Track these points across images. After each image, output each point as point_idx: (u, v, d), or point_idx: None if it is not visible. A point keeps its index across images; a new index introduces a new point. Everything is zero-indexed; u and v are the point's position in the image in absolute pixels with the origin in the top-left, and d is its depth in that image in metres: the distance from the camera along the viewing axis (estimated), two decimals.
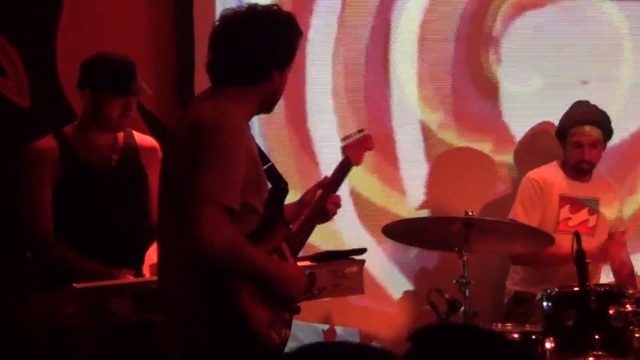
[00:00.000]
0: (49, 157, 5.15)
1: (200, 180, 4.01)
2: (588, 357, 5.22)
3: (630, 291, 5.39)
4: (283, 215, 4.46)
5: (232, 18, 4.32)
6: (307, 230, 4.89)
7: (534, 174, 6.43)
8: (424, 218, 5.88)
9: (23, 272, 5.51)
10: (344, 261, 5.14)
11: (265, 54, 4.25)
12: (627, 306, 5.24)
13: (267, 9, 4.36)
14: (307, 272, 4.57)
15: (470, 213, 5.50)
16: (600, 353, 5.21)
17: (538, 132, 6.83)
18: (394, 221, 5.80)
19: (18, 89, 6.06)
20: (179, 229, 4.10)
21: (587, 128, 6.34)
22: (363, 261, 5.20)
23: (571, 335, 5.26)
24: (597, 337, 5.22)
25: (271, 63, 4.26)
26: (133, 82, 5.17)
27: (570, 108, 6.47)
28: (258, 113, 4.40)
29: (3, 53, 6.04)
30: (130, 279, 5.02)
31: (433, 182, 6.71)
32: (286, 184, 4.45)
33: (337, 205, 4.97)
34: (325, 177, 5.09)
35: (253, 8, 4.40)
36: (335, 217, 5.01)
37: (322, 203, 4.95)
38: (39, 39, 6.05)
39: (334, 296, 5.26)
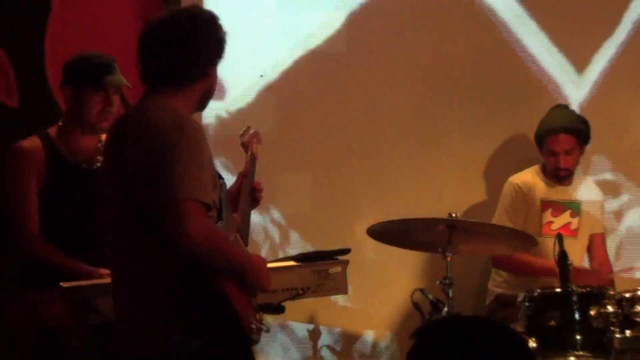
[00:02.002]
0: (34, 157, 5.13)
1: (176, 180, 4.01)
2: (569, 357, 5.23)
3: (611, 292, 5.39)
4: (229, 208, 4.51)
5: (161, 22, 4.35)
6: (247, 219, 4.92)
7: (516, 178, 6.44)
8: (408, 219, 5.83)
9: (10, 270, 5.51)
10: (328, 261, 5.18)
11: (200, 52, 4.29)
12: (608, 307, 5.23)
13: (190, 10, 4.48)
14: None
15: (453, 215, 5.47)
16: (581, 353, 5.22)
17: (518, 136, 6.82)
18: (378, 222, 5.74)
19: (7, 89, 6.03)
20: (147, 232, 4.10)
21: (562, 137, 6.32)
22: (347, 261, 5.23)
23: (553, 336, 5.26)
24: (578, 337, 5.23)
25: (206, 60, 4.31)
26: (110, 75, 5.15)
27: (547, 114, 6.46)
28: (196, 111, 4.44)
29: None
30: None
31: (417, 185, 6.69)
32: (223, 177, 4.50)
33: (261, 190, 5.12)
34: (243, 170, 5.19)
35: (178, 11, 4.50)
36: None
37: (252, 193, 5.07)
38: (27, 40, 6.03)
39: (318, 296, 5.31)
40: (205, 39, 4.30)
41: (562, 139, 6.31)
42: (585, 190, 6.52)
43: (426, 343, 2.68)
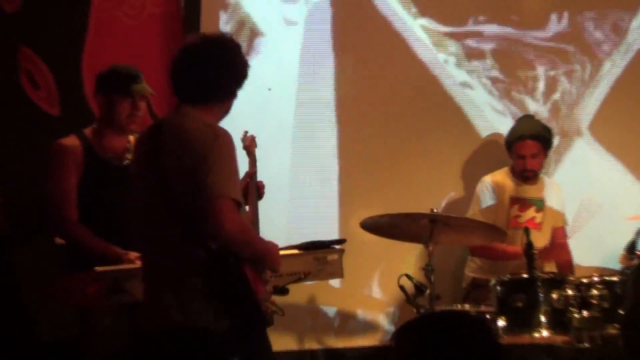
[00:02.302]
0: (73, 153, 5.16)
1: (214, 181, 4.06)
2: (534, 334, 5.28)
3: (571, 278, 5.43)
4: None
5: (196, 47, 4.36)
6: (256, 212, 5.07)
7: (488, 177, 6.47)
8: (395, 214, 5.83)
9: (52, 255, 5.48)
10: (327, 250, 5.24)
11: (232, 75, 4.33)
12: (568, 291, 5.29)
13: (221, 38, 4.45)
14: None
15: (435, 210, 5.52)
16: (544, 330, 5.27)
17: (490, 142, 6.85)
18: (370, 217, 5.79)
19: (50, 100, 6.05)
20: (180, 225, 4.14)
21: (529, 142, 6.36)
22: (343, 250, 5.30)
23: (520, 315, 5.31)
24: (542, 317, 5.28)
25: (236, 82, 4.35)
26: (136, 84, 5.18)
27: (516, 122, 6.52)
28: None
29: (36, 68, 6.01)
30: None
31: (403, 185, 6.71)
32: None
33: (263, 187, 5.34)
34: (248, 171, 5.34)
35: (210, 37, 4.45)
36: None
37: (258, 190, 5.27)
38: (67, 56, 6.04)
39: (317, 279, 5.36)
40: (235, 63, 4.33)
41: (528, 145, 6.36)
42: (549, 188, 6.53)
43: (404, 344, 2.73)
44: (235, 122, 4.65)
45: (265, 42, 6.59)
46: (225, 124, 4.30)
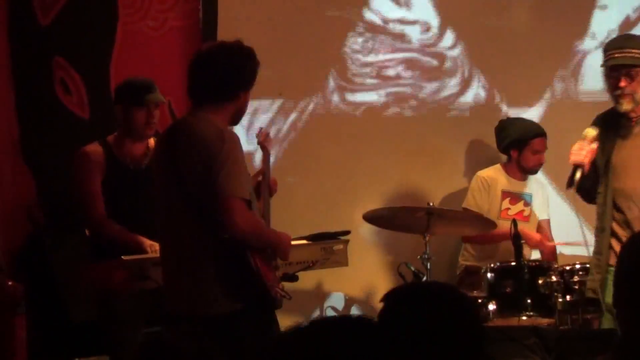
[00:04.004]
0: (97, 159, 5.24)
1: (223, 181, 4.13)
2: (522, 317, 5.33)
3: (555, 265, 5.47)
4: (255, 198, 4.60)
5: (208, 51, 4.43)
6: (268, 207, 5.01)
7: (482, 173, 6.45)
8: (395, 207, 5.87)
9: (81, 246, 5.53)
10: (333, 240, 5.29)
11: (234, 78, 4.34)
12: (553, 277, 5.32)
13: (233, 44, 4.44)
14: None
15: (431, 204, 5.59)
16: (531, 314, 5.32)
17: (479, 141, 6.84)
18: (372, 210, 5.85)
19: (80, 103, 6.10)
20: (195, 219, 4.21)
21: (544, 139, 6.35)
22: (348, 240, 5.34)
23: (509, 300, 5.35)
24: (529, 301, 5.31)
25: (238, 86, 4.36)
26: (149, 95, 5.23)
27: (518, 122, 6.46)
28: (230, 125, 4.45)
29: (68, 75, 6.06)
30: None
31: (403, 180, 6.68)
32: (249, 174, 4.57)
33: (276, 183, 5.19)
34: (261, 167, 5.26)
35: (225, 44, 4.49)
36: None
37: (271, 186, 5.15)
38: (96, 64, 6.08)
39: (324, 267, 5.39)
40: (240, 69, 4.36)
41: (544, 141, 6.35)
42: (536, 184, 6.53)
43: (392, 305, 2.70)
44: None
45: None
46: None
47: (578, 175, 5.04)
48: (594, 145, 5.08)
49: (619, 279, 2.87)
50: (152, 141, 5.29)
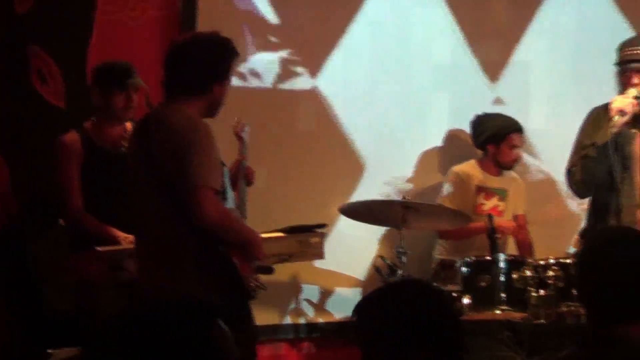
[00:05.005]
0: (74, 148, 5.21)
1: (194, 171, 4.10)
2: (496, 311, 5.33)
3: (530, 260, 5.47)
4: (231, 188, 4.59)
5: (181, 43, 4.41)
6: (244, 197, 5.06)
7: (457, 168, 6.47)
8: (371, 201, 5.89)
9: (57, 236, 5.50)
10: (309, 233, 5.27)
11: (207, 71, 4.32)
12: (527, 272, 5.32)
13: (208, 35, 4.45)
14: None
15: (407, 198, 5.61)
16: (505, 308, 5.31)
17: (452, 136, 6.85)
18: (348, 203, 5.88)
19: (56, 93, 6.01)
20: (169, 209, 4.19)
21: (520, 135, 6.40)
22: (324, 233, 5.34)
23: (483, 294, 5.35)
24: (503, 295, 5.32)
25: (212, 78, 4.32)
26: (131, 79, 5.20)
27: (495, 118, 6.47)
28: (204, 117, 4.37)
29: (44, 63, 5.98)
30: None
31: (379, 175, 6.68)
32: (225, 164, 4.57)
33: (253, 173, 5.30)
34: (237, 158, 5.33)
35: (200, 35, 4.52)
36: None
37: (248, 176, 5.27)
38: (74, 53, 6.01)
39: (301, 260, 5.41)
40: (214, 61, 4.33)
41: (521, 137, 6.41)
42: (510, 180, 6.55)
43: (364, 316, 2.67)
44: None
45: None
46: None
47: (617, 119, 4.98)
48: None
49: (582, 275, 2.97)
50: (129, 125, 5.26)
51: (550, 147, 6.91)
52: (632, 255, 2.91)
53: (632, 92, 5.05)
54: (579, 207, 6.56)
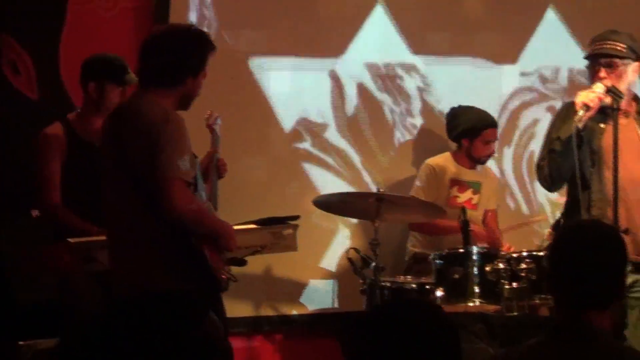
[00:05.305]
0: (57, 141, 5.19)
1: (165, 162, 4.10)
2: (469, 303, 5.32)
3: (502, 253, 5.47)
4: (202, 180, 4.58)
5: (157, 35, 4.40)
6: (216, 189, 5.05)
7: (431, 161, 6.47)
8: (345, 193, 5.89)
9: (28, 228, 5.53)
10: (282, 225, 5.23)
11: (180, 63, 4.30)
12: (500, 264, 5.30)
13: (183, 28, 4.46)
14: None
15: (381, 190, 5.58)
16: (478, 300, 5.31)
17: (428, 130, 6.85)
18: (322, 195, 5.87)
19: (29, 84, 6.00)
20: (140, 200, 4.18)
21: (495, 129, 6.43)
22: (297, 225, 5.29)
23: (456, 286, 5.35)
24: (476, 288, 5.32)
25: (185, 71, 4.31)
26: (127, 75, 5.20)
27: (469, 112, 6.46)
28: (177, 109, 4.36)
29: (16, 55, 5.96)
30: None
31: (353, 167, 6.67)
32: (197, 156, 4.54)
33: (225, 165, 5.36)
34: (210, 150, 5.36)
35: (174, 28, 4.52)
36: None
37: (220, 168, 5.30)
38: (46, 44, 5.99)
39: (273, 252, 5.35)
40: (187, 54, 4.31)
41: (495, 132, 6.43)
42: (484, 174, 6.57)
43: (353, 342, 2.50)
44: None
45: None
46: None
47: (581, 113, 4.98)
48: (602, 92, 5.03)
49: (551, 266, 3.05)
50: None
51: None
52: (597, 247, 3.01)
53: (598, 86, 5.05)
54: (552, 200, 6.59)
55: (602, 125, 5.09)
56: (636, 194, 5.11)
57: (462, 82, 6.85)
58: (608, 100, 5.03)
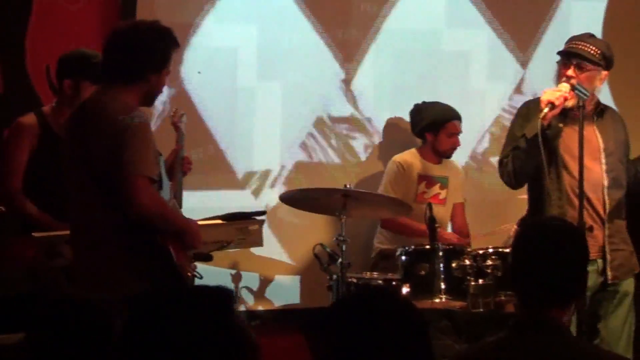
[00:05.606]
0: (30, 130, 5.15)
1: (128, 159, 4.08)
2: (435, 300, 5.33)
3: (468, 250, 5.48)
4: (167, 178, 4.56)
5: (120, 31, 4.37)
6: (181, 186, 5.03)
7: (398, 157, 6.47)
8: (312, 189, 5.88)
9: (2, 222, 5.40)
10: (248, 220, 5.25)
11: (143, 60, 4.27)
12: (466, 261, 5.32)
13: (147, 24, 4.42)
14: None
15: (348, 186, 5.58)
16: (444, 296, 5.32)
17: (393, 125, 6.83)
18: (289, 190, 5.86)
19: None
20: (104, 197, 4.16)
21: (458, 122, 6.43)
22: (263, 221, 5.33)
23: (423, 283, 5.35)
24: (442, 284, 5.32)
25: (148, 67, 4.29)
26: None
27: (433, 106, 6.47)
28: (142, 105, 4.36)
29: None
30: None
31: (320, 162, 6.67)
32: (161, 154, 4.53)
33: (190, 163, 5.33)
34: (175, 147, 5.31)
35: (138, 24, 4.48)
36: None
37: (183, 166, 5.24)
38: (11, 39, 5.95)
39: (239, 247, 5.40)
40: (150, 50, 4.29)
41: (459, 124, 6.43)
42: (451, 168, 6.58)
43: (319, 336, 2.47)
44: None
45: None
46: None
47: (547, 110, 4.99)
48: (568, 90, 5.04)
49: (513, 263, 3.11)
50: None
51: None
52: (557, 244, 3.03)
53: (564, 85, 5.08)
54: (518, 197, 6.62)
55: (560, 125, 5.11)
56: (593, 193, 5.13)
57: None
58: (571, 103, 5.07)
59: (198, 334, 2.09)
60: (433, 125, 6.41)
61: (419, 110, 6.51)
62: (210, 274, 5.16)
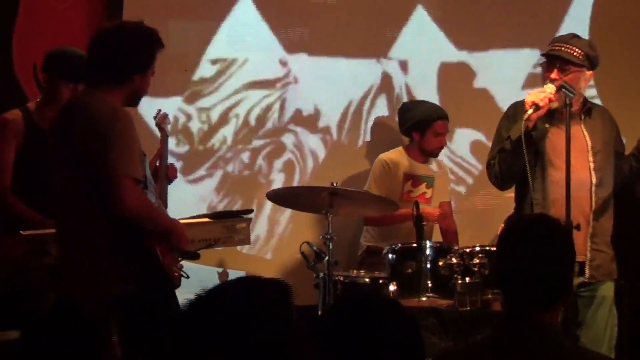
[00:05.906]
0: (15, 126, 5.15)
1: (114, 160, 4.08)
2: (422, 298, 5.31)
3: (456, 247, 5.46)
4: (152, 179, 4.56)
5: (105, 32, 4.37)
6: (165, 187, 5.02)
7: (384, 156, 6.49)
8: (299, 187, 5.91)
9: None
10: (236, 218, 5.23)
11: (126, 61, 4.28)
12: (453, 259, 5.30)
13: (131, 25, 4.41)
14: None
15: (334, 184, 5.56)
16: (431, 295, 5.30)
17: (379, 124, 6.86)
18: (275, 188, 5.86)
19: None
20: (89, 198, 4.16)
21: (445, 122, 6.43)
22: (250, 219, 5.33)
23: (410, 281, 5.33)
24: (429, 282, 5.30)
25: (132, 68, 4.29)
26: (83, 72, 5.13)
27: (420, 105, 6.50)
28: (125, 106, 4.35)
29: None
30: None
31: (306, 160, 6.69)
32: (146, 154, 4.53)
33: (175, 170, 5.30)
34: (159, 149, 5.29)
35: (124, 25, 4.47)
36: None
37: (168, 171, 5.22)
38: None
39: (227, 246, 5.37)
40: (135, 52, 4.29)
41: (446, 124, 6.43)
42: (437, 167, 6.60)
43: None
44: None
45: None
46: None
47: (531, 112, 5.00)
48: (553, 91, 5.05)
49: (498, 263, 3.08)
50: None
51: None
52: (541, 242, 3.00)
53: (549, 87, 5.09)
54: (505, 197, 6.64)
55: (546, 126, 5.13)
56: (579, 192, 5.14)
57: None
58: (556, 104, 5.08)
59: (257, 324, 2.10)
60: (420, 124, 6.42)
61: (406, 109, 6.52)
62: (198, 272, 5.17)
